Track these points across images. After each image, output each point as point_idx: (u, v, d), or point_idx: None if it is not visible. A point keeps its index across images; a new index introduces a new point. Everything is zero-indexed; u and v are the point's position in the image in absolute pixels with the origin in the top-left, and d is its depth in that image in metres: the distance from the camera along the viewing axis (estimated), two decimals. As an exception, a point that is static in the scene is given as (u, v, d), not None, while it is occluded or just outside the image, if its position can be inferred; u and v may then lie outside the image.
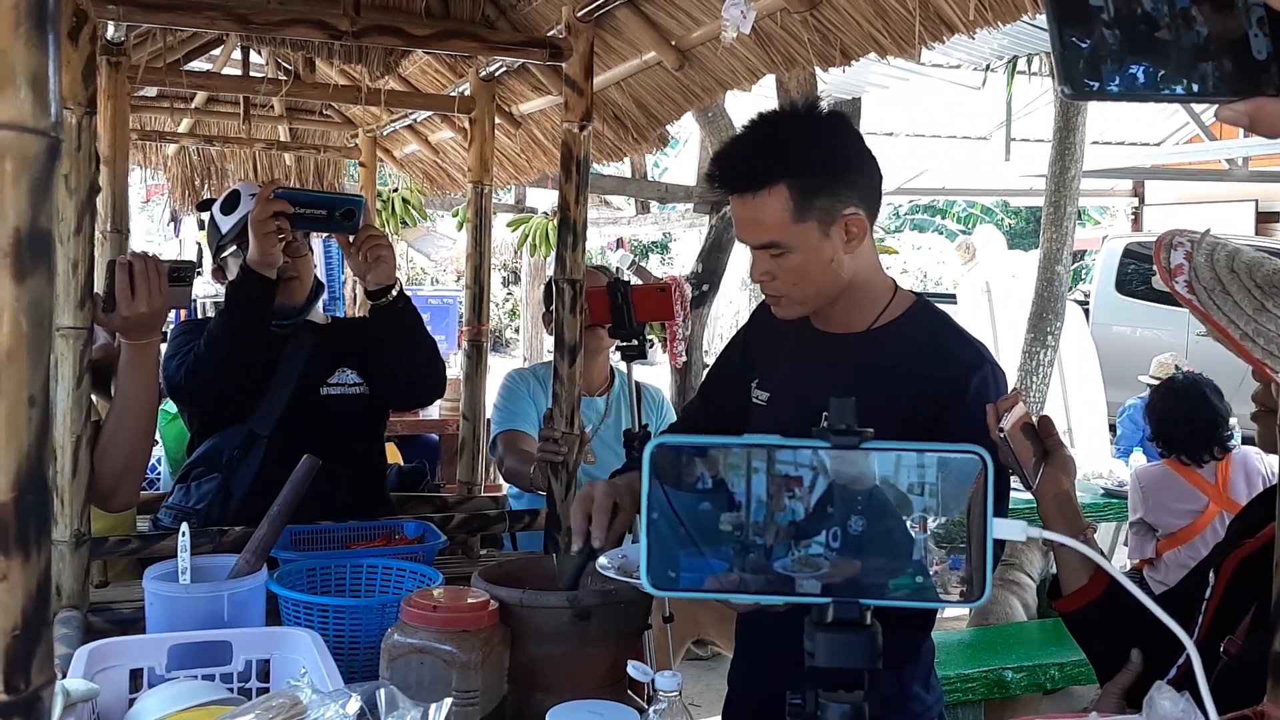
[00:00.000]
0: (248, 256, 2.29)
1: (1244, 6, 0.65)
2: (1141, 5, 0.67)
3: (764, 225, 1.73)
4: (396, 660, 1.55)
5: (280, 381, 2.41)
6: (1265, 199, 13.99)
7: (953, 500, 0.84)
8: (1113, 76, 0.68)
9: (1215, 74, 0.67)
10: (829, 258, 1.74)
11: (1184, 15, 0.66)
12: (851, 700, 0.84)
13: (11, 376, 0.59)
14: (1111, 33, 0.67)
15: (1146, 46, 0.67)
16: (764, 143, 1.77)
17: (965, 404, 1.70)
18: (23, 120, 0.59)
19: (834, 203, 1.72)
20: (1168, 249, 1.26)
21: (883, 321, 1.82)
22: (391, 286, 2.39)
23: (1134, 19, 0.67)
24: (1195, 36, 0.66)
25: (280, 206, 2.26)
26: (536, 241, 10.29)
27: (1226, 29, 0.66)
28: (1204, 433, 4.48)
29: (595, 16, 2.51)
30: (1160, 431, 4.61)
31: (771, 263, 1.76)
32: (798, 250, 1.73)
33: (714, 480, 0.85)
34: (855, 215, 1.74)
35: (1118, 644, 1.53)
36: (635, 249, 17.48)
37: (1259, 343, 1.15)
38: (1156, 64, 0.67)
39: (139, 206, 14.49)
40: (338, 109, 4.94)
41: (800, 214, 1.71)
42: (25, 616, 0.61)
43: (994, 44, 6.54)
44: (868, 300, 1.83)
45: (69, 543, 1.91)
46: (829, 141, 1.77)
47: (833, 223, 1.73)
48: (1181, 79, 0.67)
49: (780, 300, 1.81)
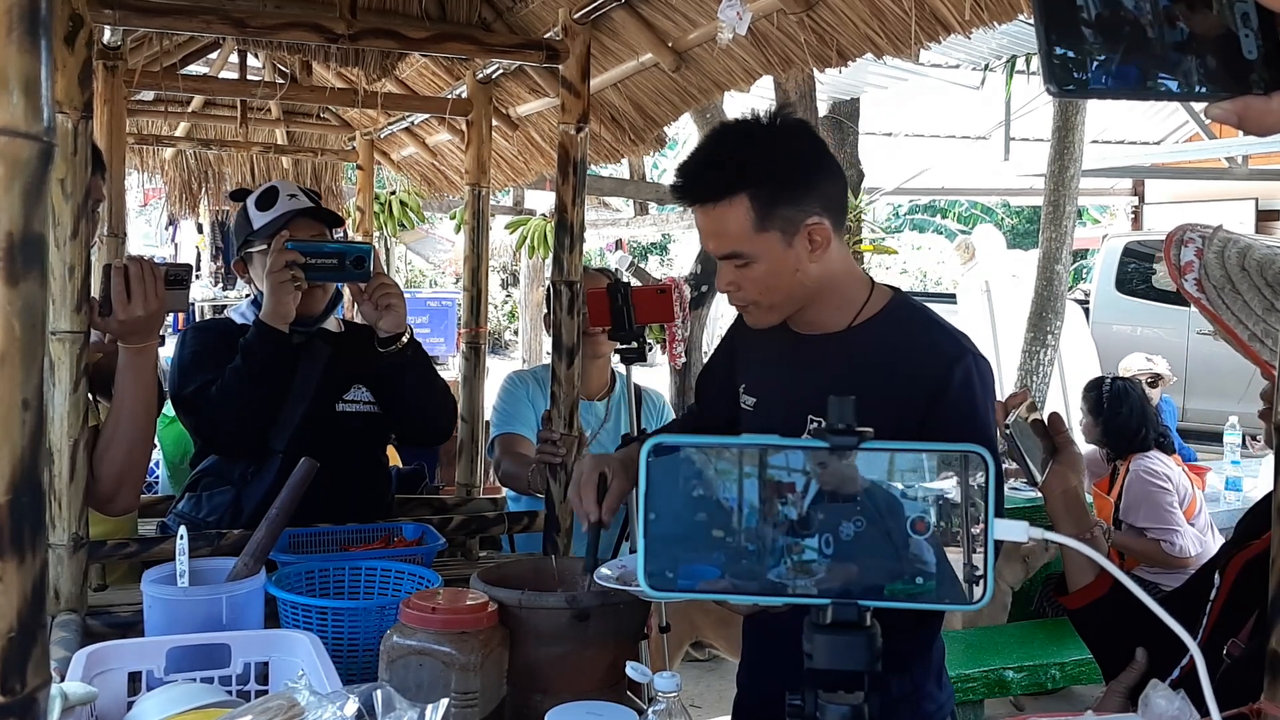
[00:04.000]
0: (262, 312, 2.30)
1: (1227, 4, 0.66)
2: (1124, 4, 0.67)
3: (726, 236, 1.73)
4: (395, 662, 1.55)
5: (296, 398, 2.40)
6: (1265, 197, 13.99)
7: (953, 499, 0.83)
8: (1097, 74, 0.68)
9: (1201, 72, 0.67)
10: (793, 267, 1.74)
11: (1166, 14, 0.67)
12: (851, 701, 0.84)
13: (5, 380, 0.60)
14: (1095, 31, 0.68)
15: (1130, 45, 0.68)
16: (723, 154, 1.76)
17: (950, 396, 1.70)
18: (15, 125, 0.59)
19: (796, 212, 1.72)
20: (1178, 245, 1.25)
21: (861, 319, 1.81)
22: (402, 334, 2.40)
23: (1118, 17, 0.67)
24: (1178, 34, 0.67)
25: (293, 257, 2.27)
26: (535, 243, 10.30)
27: (1209, 28, 0.67)
28: (1151, 427, 4.63)
29: (592, 18, 2.51)
30: (1113, 430, 4.70)
31: (736, 273, 1.76)
32: (761, 260, 1.73)
33: (711, 481, 0.85)
34: (819, 224, 1.73)
35: (1123, 642, 1.53)
36: (634, 250, 17.48)
37: (1267, 344, 1.14)
38: (1140, 62, 0.68)
39: (136, 210, 14.50)
40: (335, 112, 4.94)
41: (762, 224, 1.70)
42: (20, 619, 0.61)
43: (992, 44, 6.55)
44: (844, 300, 1.82)
45: (67, 546, 1.91)
46: (788, 151, 1.75)
47: (796, 232, 1.72)
48: (1166, 77, 0.68)
49: (750, 309, 1.81)
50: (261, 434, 2.36)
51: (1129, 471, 4.55)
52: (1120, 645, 1.54)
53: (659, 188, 9.17)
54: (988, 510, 0.82)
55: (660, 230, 13.99)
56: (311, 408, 2.42)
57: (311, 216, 2.46)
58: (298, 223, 2.42)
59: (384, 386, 2.48)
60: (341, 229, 2.73)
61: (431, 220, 14.39)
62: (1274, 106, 0.67)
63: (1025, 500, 4.37)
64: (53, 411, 1.86)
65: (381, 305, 2.37)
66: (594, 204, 11.54)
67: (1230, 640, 1.40)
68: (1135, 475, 4.52)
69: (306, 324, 2.44)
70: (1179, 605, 1.55)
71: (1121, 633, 1.54)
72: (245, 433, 2.34)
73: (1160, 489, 4.45)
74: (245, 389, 2.28)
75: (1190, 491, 4.54)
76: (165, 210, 11.50)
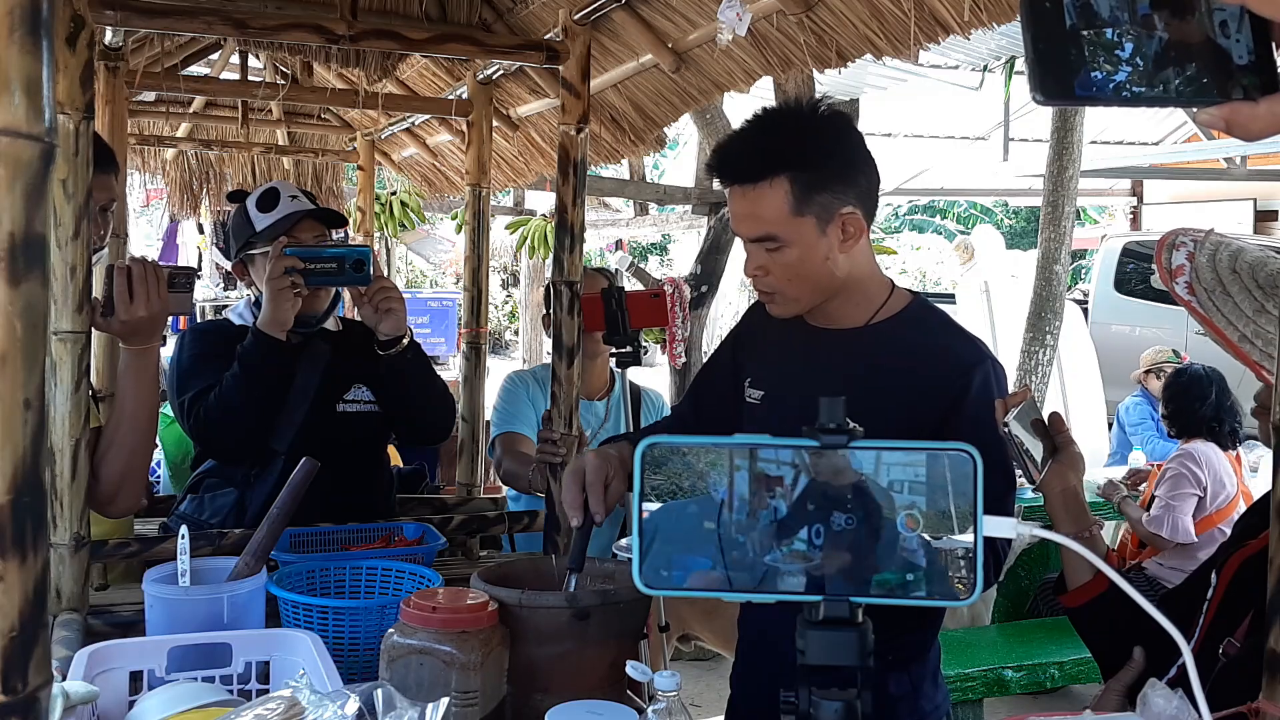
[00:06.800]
0: (259, 320, 2.30)
1: (1205, 12, 0.67)
2: (1109, 13, 0.68)
3: (762, 218, 1.73)
4: (396, 661, 1.55)
5: (297, 398, 2.40)
6: (1264, 198, 14.00)
7: (943, 497, 0.84)
8: (1084, 82, 0.69)
9: (1187, 79, 0.68)
10: (824, 255, 1.74)
11: (1148, 22, 0.67)
12: (844, 698, 0.84)
13: (6, 380, 0.60)
14: (1081, 38, 0.68)
15: (1116, 52, 0.68)
16: (767, 136, 1.77)
17: (969, 401, 1.70)
18: (16, 126, 0.60)
19: (833, 199, 1.73)
20: (1169, 249, 1.26)
21: (880, 317, 1.82)
22: (403, 336, 2.41)
23: (1102, 25, 0.68)
24: (1161, 43, 0.68)
25: (293, 263, 2.27)
26: (535, 244, 10.30)
27: (1194, 34, 0.67)
28: (1227, 419, 4.58)
29: (592, 19, 2.52)
30: (1182, 414, 4.64)
31: (766, 257, 1.76)
32: (794, 245, 1.73)
33: (705, 479, 0.85)
34: (853, 214, 1.74)
35: (1121, 640, 1.54)
36: (634, 251, 17.48)
37: (1257, 344, 1.15)
38: (1126, 69, 0.68)
39: (138, 211, 14.49)
40: (336, 113, 4.95)
41: (799, 208, 1.71)
42: (22, 618, 0.61)
43: (991, 44, 6.55)
44: (864, 297, 1.82)
45: (69, 546, 1.91)
46: (832, 139, 1.77)
47: (830, 220, 1.73)
48: (1152, 85, 0.68)
49: (774, 298, 1.81)
50: (263, 436, 2.37)
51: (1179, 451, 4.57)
52: (1118, 643, 1.55)
53: (659, 188, 9.16)
54: (977, 507, 0.83)
55: (660, 230, 13.99)
56: (312, 408, 2.42)
57: (314, 217, 2.47)
58: (302, 224, 2.42)
59: (384, 387, 2.49)
60: (344, 229, 2.73)
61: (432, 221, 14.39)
62: (1261, 111, 0.67)
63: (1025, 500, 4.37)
64: (54, 411, 1.86)
65: (382, 309, 2.38)
66: (594, 204, 11.54)
67: (1226, 639, 1.40)
68: (1182, 452, 4.55)
69: (307, 325, 2.44)
70: (1177, 604, 1.56)
71: (1120, 631, 1.54)
72: (244, 438, 2.35)
73: (1187, 474, 4.45)
74: (243, 396, 2.28)
75: (1231, 493, 4.50)
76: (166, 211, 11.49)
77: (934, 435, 1.65)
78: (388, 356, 2.40)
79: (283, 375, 2.36)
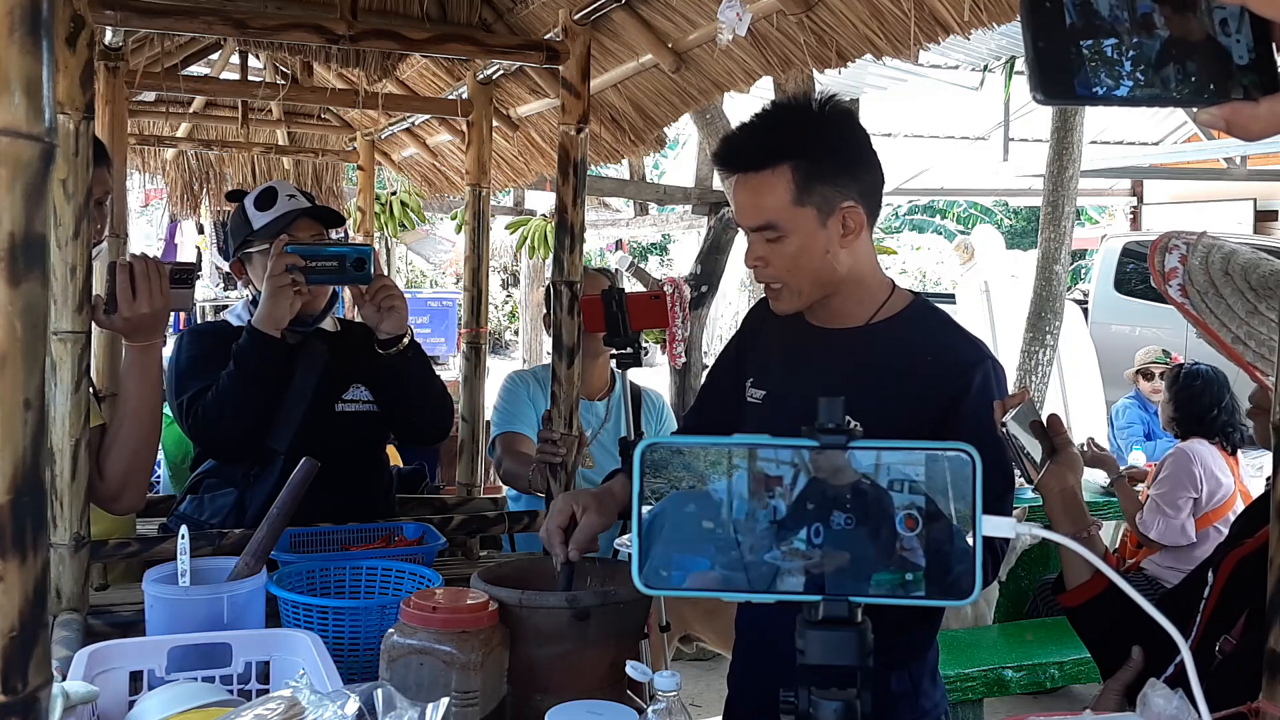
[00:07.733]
0: (254, 317, 2.29)
1: (1205, 11, 0.67)
2: (1109, 13, 0.68)
3: (763, 206, 1.74)
4: (396, 661, 1.55)
5: (295, 398, 2.40)
6: (1263, 198, 14.01)
7: (942, 497, 0.84)
8: (1084, 82, 0.69)
9: (1187, 79, 0.68)
10: (824, 248, 1.75)
11: (1150, 22, 0.68)
12: (844, 698, 0.84)
13: (6, 380, 0.60)
14: (1081, 38, 0.68)
15: (1116, 53, 0.68)
16: (772, 125, 1.79)
17: (969, 401, 1.71)
18: (16, 126, 0.60)
19: (835, 192, 1.74)
20: (1162, 253, 1.26)
21: (881, 317, 1.82)
22: (403, 336, 2.41)
23: (1102, 26, 0.68)
24: (1161, 43, 0.68)
25: (294, 260, 2.27)
26: (535, 244, 10.31)
27: (1194, 34, 0.67)
28: (1226, 418, 4.56)
29: (592, 19, 2.52)
30: (1192, 418, 4.63)
31: (766, 247, 1.77)
32: (794, 235, 1.74)
33: (704, 480, 0.86)
34: (853, 209, 1.75)
35: (1120, 640, 1.54)
36: (634, 251, 17.49)
37: (1250, 346, 1.16)
38: (1126, 70, 0.69)
39: (138, 211, 14.49)
40: (336, 113, 4.95)
41: (800, 198, 1.72)
42: (22, 618, 0.61)
43: (991, 44, 6.55)
44: (865, 296, 1.83)
45: (69, 546, 1.91)
46: (837, 133, 1.79)
47: (831, 212, 1.74)
48: (1152, 84, 0.68)
49: (777, 292, 1.81)
50: (261, 435, 2.36)
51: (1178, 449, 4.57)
52: (1117, 643, 1.55)
53: (659, 188, 9.17)
54: (976, 507, 0.83)
55: (660, 230, 14.00)
56: (311, 408, 2.42)
57: (311, 216, 2.47)
58: (299, 223, 2.42)
59: (383, 387, 2.49)
60: (342, 228, 2.73)
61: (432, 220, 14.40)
62: (1261, 111, 0.67)
63: (1027, 501, 4.37)
64: (54, 411, 1.86)
65: (384, 307, 2.38)
66: (594, 204, 11.55)
67: (1223, 637, 1.41)
68: (1179, 452, 4.54)
69: (305, 324, 2.44)
70: (1175, 604, 1.56)
71: (1118, 631, 1.55)
72: (242, 437, 2.34)
73: (1184, 476, 4.42)
74: (240, 394, 2.28)
75: (1228, 491, 4.48)
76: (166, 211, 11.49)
77: (934, 435, 1.65)
78: (388, 356, 2.40)
79: (280, 374, 2.36)
